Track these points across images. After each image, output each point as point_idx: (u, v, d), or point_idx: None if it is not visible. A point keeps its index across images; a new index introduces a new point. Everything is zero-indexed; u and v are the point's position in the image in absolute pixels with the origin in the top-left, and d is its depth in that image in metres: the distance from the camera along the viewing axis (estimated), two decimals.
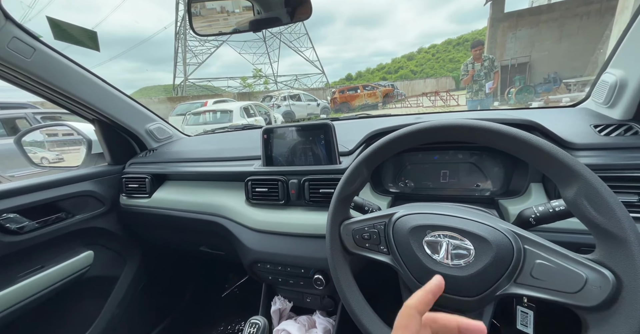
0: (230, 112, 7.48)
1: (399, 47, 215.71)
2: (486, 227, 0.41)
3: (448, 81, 26.86)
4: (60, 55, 0.85)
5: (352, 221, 0.52)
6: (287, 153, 0.87)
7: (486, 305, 0.41)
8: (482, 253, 0.39)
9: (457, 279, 0.40)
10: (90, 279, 0.99)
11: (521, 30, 10.62)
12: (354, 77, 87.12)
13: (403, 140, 0.46)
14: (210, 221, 0.94)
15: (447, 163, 0.77)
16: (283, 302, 0.88)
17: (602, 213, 0.34)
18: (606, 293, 0.33)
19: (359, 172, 0.51)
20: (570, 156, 0.36)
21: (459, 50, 72.07)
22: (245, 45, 35.88)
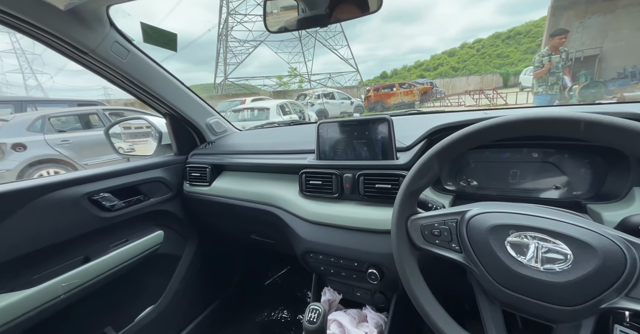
0: (267, 110, 7.76)
1: (439, 43, 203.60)
2: (588, 232, 0.37)
3: (494, 78, 24.73)
4: (147, 57, 0.97)
5: (421, 216, 0.51)
6: (342, 147, 0.88)
7: (585, 318, 0.37)
8: (583, 259, 0.36)
9: (550, 285, 0.37)
10: (160, 256, 1.12)
11: (591, 18, 9.25)
12: (389, 75, 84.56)
13: (489, 133, 0.43)
14: (265, 210, 1.00)
15: (518, 162, 0.71)
16: (333, 293, 0.90)
17: None
18: None
19: (430, 166, 0.50)
20: None
21: (508, 45, 65.45)
22: (281, 45, 36.85)
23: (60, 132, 4.79)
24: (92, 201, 0.90)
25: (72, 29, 0.74)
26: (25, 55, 47.23)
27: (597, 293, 0.35)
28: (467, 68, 64.54)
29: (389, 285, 0.78)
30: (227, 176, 1.18)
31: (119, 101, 12.13)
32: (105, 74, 0.93)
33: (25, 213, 0.75)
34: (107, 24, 0.82)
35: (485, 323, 0.44)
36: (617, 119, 0.35)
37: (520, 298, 0.40)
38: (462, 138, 0.46)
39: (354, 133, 0.86)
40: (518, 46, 62.46)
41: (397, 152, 0.80)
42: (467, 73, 43.99)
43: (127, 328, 1.00)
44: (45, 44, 0.77)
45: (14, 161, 4.28)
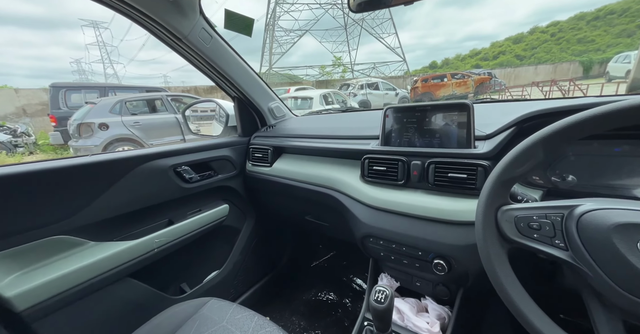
0: (311, 99, 7.84)
1: (502, 28, 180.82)
2: None
3: (572, 67, 21.09)
4: (225, 42, 1.03)
5: (515, 207, 0.47)
6: (410, 133, 0.84)
7: None
8: None
9: None
10: (225, 227, 1.23)
11: None
12: (439, 65, 78.27)
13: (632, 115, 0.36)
14: (324, 193, 1.02)
15: (636, 157, 0.61)
16: (390, 280, 0.89)
17: None
18: None
19: (533, 153, 0.44)
20: None
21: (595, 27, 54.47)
22: (326, 34, 36.42)
23: (133, 115, 5.48)
24: (176, 172, 1.02)
25: (171, 16, 0.83)
26: (105, 47, 54.50)
27: None
28: (536, 56, 56.27)
29: (456, 278, 0.74)
30: (287, 158, 1.23)
31: (177, 88, 13.33)
32: (190, 59, 1.02)
33: (130, 177, 0.88)
34: (198, 12, 0.89)
35: (600, 333, 0.39)
36: None
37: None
38: (591, 119, 0.39)
39: (425, 120, 0.82)
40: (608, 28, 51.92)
41: (475, 141, 0.74)
42: (535, 62, 38.47)
43: (197, 287, 1.14)
44: (148, 30, 0.87)
45: (100, 138, 5.06)
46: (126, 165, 0.88)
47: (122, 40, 65.71)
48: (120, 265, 0.82)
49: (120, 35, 74.82)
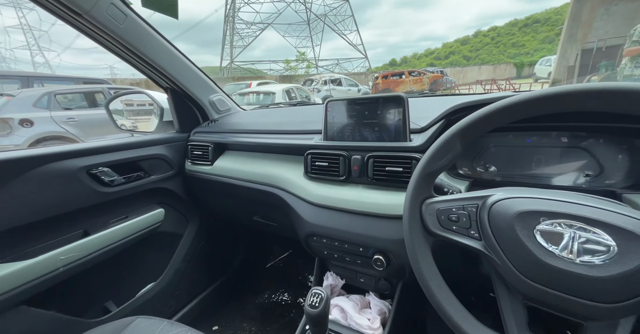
0: (273, 94, 7.63)
1: (451, 31, 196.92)
2: (636, 221, 0.32)
3: (508, 68, 23.80)
4: (146, 23, 0.90)
5: (437, 200, 0.47)
6: (351, 127, 0.83)
7: (623, 317, 0.33)
8: (629, 252, 0.32)
9: (587, 279, 0.33)
10: (161, 234, 1.10)
11: (618, 5, 8.68)
12: (398, 63, 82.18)
13: (530, 107, 0.38)
14: (268, 191, 0.96)
15: (544, 147, 0.66)
16: (335, 278, 0.88)
17: None
18: None
19: (451, 146, 0.45)
20: None
21: (525, 33, 62.68)
22: (289, 28, 35.78)
23: (67, 110, 4.77)
24: (90, 175, 0.87)
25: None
26: (32, 31, 46.70)
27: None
28: (480, 57, 62.40)
29: (395, 272, 0.75)
30: (230, 155, 1.14)
31: (125, 80, 11.99)
32: (101, 40, 0.87)
33: (20, 183, 0.72)
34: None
35: (505, 317, 0.40)
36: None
37: (548, 292, 0.36)
38: (495, 112, 0.40)
39: (364, 113, 0.81)
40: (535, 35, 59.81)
41: (410, 134, 0.75)
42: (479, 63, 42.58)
43: (127, 303, 1.01)
44: (37, 3, 0.71)
45: (22, 136, 4.30)
46: (14, 167, 0.72)
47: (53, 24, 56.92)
48: (8, 291, 0.67)
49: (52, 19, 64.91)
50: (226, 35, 30.46)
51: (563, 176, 0.64)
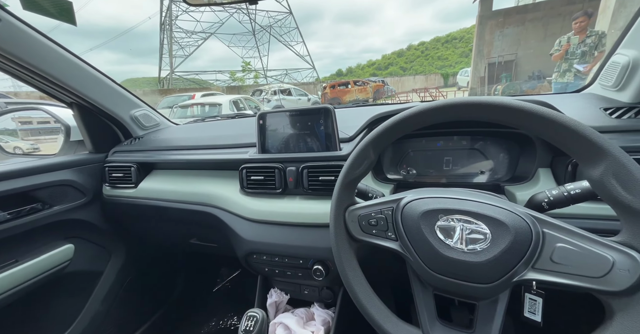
0: (219, 106, 7.28)
1: (387, 44, 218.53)
2: (502, 210, 0.39)
3: (437, 78, 27.32)
4: (31, 29, 0.77)
5: (358, 206, 0.49)
6: (284, 139, 0.83)
7: (501, 292, 0.39)
8: (499, 237, 0.37)
9: (472, 265, 0.38)
10: (70, 275, 0.93)
11: (508, 29, 10.81)
12: (344, 73, 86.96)
13: (415, 119, 0.43)
14: (202, 211, 0.89)
15: (450, 149, 0.75)
16: (279, 295, 0.85)
17: (632, 192, 0.32)
18: (636, 277, 0.31)
19: (366, 155, 0.48)
20: (597, 132, 0.34)
21: (447, 48, 73.32)
22: (234, 38, 35.06)
23: None
24: None
25: None
26: None
27: (509, 267, 0.37)
28: (414, 68, 70.25)
29: (335, 280, 0.76)
30: (158, 175, 1.04)
31: (32, 94, 10.11)
32: None
33: None
34: None
35: (418, 308, 0.44)
36: (511, 100, 0.37)
37: (450, 281, 0.40)
38: (392, 125, 0.45)
39: (296, 124, 0.82)
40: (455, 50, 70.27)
41: (340, 143, 0.78)
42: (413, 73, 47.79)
43: None
44: None
45: None
46: None
47: None
48: None
49: None
50: (164, 44, 28.33)
51: (466, 174, 0.74)
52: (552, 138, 0.37)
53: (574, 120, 0.35)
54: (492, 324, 0.39)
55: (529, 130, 0.39)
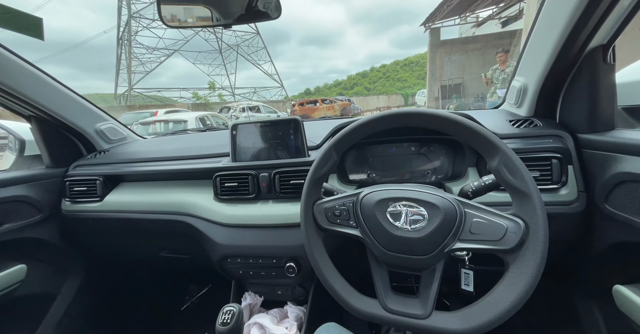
0: (185, 122, 7.02)
1: (351, 66, 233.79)
2: (436, 196, 0.50)
3: (398, 98, 29.64)
4: None
5: (324, 200, 0.58)
6: (257, 148, 0.89)
7: (437, 262, 0.49)
8: (433, 216, 0.48)
9: (415, 240, 0.48)
10: (21, 298, 0.85)
11: (455, 56, 12.39)
12: (312, 92, 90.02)
13: (366, 126, 0.55)
14: (175, 220, 0.90)
15: (402, 155, 0.88)
16: (253, 297, 0.87)
17: (515, 176, 0.45)
18: (519, 237, 0.43)
19: (329, 155, 0.57)
20: (492, 134, 0.48)
21: (405, 71, 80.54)
22: (199, 56, 34.69)
23: None
24: None
25: None
26: None
27: (442, 240, 0.47)
28: (377, 88, 75.38)
29: (307, 276, 0.81)
30: (126, 187, 1.02)
31: None
32: None
33: None
34: None
35: (375, 284, 0.52)
36: (430, 111, 0.51)
37: (399, 256, 0.50)
38: (350, 131, 0.56)
39: (268, 134, 0.89)
40: (412, 72, 77.35)
41: (308, 150, 0.86)
42: (377, 93, 51.23)
43: None
44: None
45: None
46: None
47: None
48: None
49: None
50: (121, 60, 26.98)
51: (416, 175, 0.87)
52: (465, 139, 0.50)
53: (477, 125, 0.48)
54: (431, 289, 0.49)
55: (448, 133, 0.52)
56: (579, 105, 0.73)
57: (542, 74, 0.75)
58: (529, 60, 0.81)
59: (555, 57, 0.70)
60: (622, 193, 0.59)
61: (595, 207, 0.66)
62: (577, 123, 0.74)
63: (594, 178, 0.67)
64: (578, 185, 0.69)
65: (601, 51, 0.66)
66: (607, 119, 0.70)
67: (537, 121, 0.80)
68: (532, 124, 0.79)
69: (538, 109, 0.82)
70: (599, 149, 0.67)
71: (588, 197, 0.69)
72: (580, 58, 0.69)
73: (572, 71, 0.72)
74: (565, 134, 0.74)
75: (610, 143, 0.64)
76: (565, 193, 0.69)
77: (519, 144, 0.73)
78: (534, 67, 0.78)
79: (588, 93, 0.69)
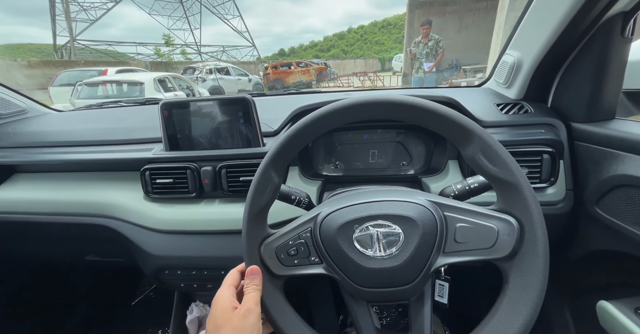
0: (141, 85, 6.18)
1: (327, 26, 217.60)
2: (408, 204, 0.39)
3: (375, 62, 28.68)
4: None
5: (274, 238, 0.43)
6: (197, 134, 0.71)
7: (424, 285, 0.40)
8: (410, 233, 0.37)
9: (394, 270, 0.37)
10: None
11: (432, 18, 11.85)
12: (287, 53, 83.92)
13: (316, 126, 0.40)
14: (94, 224, 0.73)
15: (376, 142, 0.75)
16: (202, 309, 0.76)
17: (496, 165, 0.36)
18: (514, 239, 0.35)
19: (268, 178, 0.41)
20: (464, 117, 0.37)
21: (383, 33, 77.09)
22: (156, 5, 29.84)
23: None
24: None
25: None
26: None
27: (425, 260, 0.37)
28: (354, 51, 72.16)
29: None
30: (23, 181, 0.80)
31: None
32: None
33: None
34: None
35: (356, 324, 0.43)
36: (387, 97, 0.38)
37: (379, 292, 0.39)
38: (289, 139, 0.41)
39: (211, 117, 0.71)
40: (390, 35, 74.28)
41: (263, 138, 0.69)
42: (354, 57, 49.11)
43: None
44: None
45: None
46: None
47: None
48: None
49: None
50: (55, 2, 22.24)
51: (389, 166, 0.75)
52: (434, 127, 0.39)
53: (446, 109, 0.37)
54: (424, 319, 0.40)
55: (416, 122, 0.39)
56: (579, 88, 0.62)
57: (544, 49, 0.62)
58: (529, 31, 0.66)
59: (564, 27, 0.56)
60: (619, 198, 0.52)
61: (583, 209, 0.60)
62: (573, 110, 0.64)
63: (586, 176, 0.59)
64: (566, 183, 0.62)
65: (621, 21, 0.53)
66: (608, 106, 0.60)
67: (527, 106, 0.69)
68: (522, 109, 0.69)
69: (530, 91, 0.71)
70: (596, 143, 0.58)
71: (576, 197, 0.62)
72: (593, 29, 0.56)
73: (578, 46, 0.60)
74: (558, 123, 0.64)
75: (611, 137, 0.55)
76: (552, 192, 0.62)
77: (507, 135, 0.63)
78: (533, 40, 0.64)
79: (594, 73, 0.58)
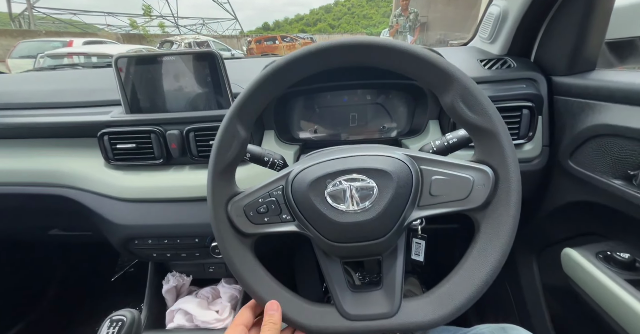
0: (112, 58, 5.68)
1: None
2: (384, 158, 0.37)
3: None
4: None
5: (242, 196, 0.40)
6: (160, 94, 0.65)
7: (398, 239, 0.39)
8: (384, 186, 0.36)
9: (367, 223, 0.36)
10: None
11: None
12: (271, 27, 79.16)
13: (283, 75, 0.37)
14: (48, 195, 0.68)
15: (356, 105, 0.71)
16: (179, 278, 0.75)
17: (476, 112, 0.34)
18: (488, 189, 0.35)
19: (233, 132, 0.38)
20: (444, 60, 0.34)
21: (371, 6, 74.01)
22: None
23: None
24: None
25: None
26: None
27: (399, 213, 0.36)
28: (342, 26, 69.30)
29: None
30: None
31: None
32: None
33: None
34: None
35: (328, 283, 0.41)
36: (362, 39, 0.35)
37: (352, 246, 0.38)
38: (255, 88, 0.37)
39: (175, 75, 0.64)
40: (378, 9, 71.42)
41: (234, 98, 0.64)
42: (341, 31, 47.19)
43: None
44: None
45: None
46: None
47: None
48: None
49: None
50: None
51: (370, 130, 0.73)
52: (412, 72, 0.37)
53: (424, 50, 0.34)
54: (396, 273, 0.39)
55: (392, 67, 0.37)
56: (562, 39, 0.60)
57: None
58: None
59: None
60: (592, 149, 0.52)
61: (557, 163, 0.60)
62: (555, 62, 0.63)
63: (562, 131, 0.59)
64: (543, 139, 0.62)
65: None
66: (590, 57, 0.59)
67: (510, 61, 0.67)
68: (505, 64, 0.67)
69: (514, 46, 0.69)
70: (574, 96, 0.57)
71: (551, 153, 0.62)
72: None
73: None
74: (540, 77, 0.63)
75: (590, 87, 0.54)
76: (529, 149, 0.62)
77: (488, 91, 0.61)
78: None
79: (579, 22, 0.56)
